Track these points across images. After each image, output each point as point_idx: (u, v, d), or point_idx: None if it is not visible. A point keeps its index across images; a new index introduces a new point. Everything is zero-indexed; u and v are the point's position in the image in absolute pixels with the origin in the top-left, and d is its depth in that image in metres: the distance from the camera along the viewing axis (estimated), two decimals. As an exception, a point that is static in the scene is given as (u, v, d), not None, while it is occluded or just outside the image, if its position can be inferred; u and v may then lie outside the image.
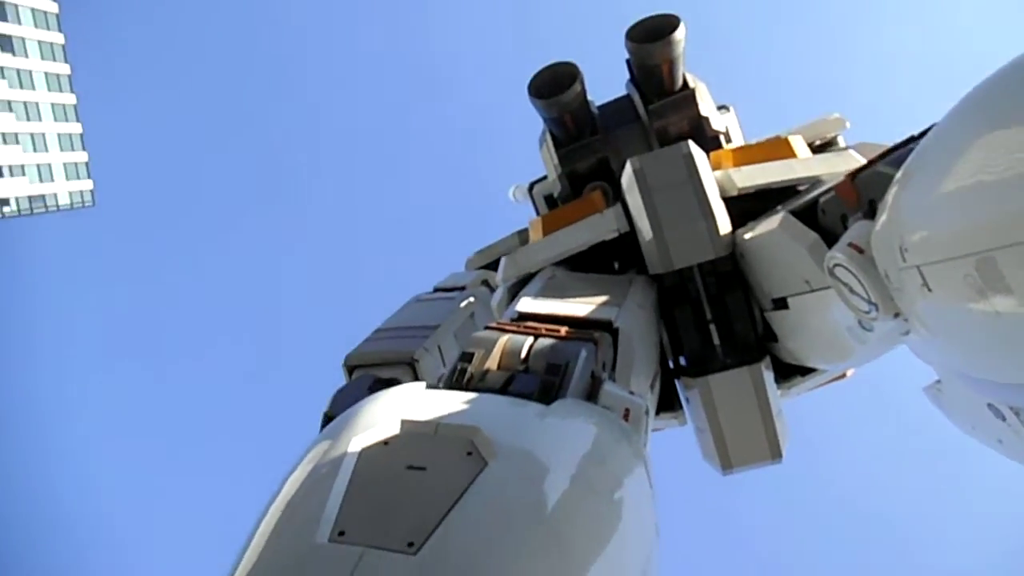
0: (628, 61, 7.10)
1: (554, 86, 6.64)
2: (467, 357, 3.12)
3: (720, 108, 7.70)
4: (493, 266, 8.25)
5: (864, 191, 3.34)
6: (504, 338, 3.31)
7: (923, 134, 3.37)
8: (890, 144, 6.66)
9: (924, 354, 3.18)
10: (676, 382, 5.56)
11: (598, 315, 4.14)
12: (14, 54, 68.05)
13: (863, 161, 5.12)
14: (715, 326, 5.03)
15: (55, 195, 71.45)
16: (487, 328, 3.56)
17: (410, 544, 1.81)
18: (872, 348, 3.85)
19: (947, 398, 3.35)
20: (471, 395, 2.67)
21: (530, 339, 3.35)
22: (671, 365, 5.58)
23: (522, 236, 8.30)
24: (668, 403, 5.56)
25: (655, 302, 4.88)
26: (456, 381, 2.99)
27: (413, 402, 2.58)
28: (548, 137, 7.12)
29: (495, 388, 2.92)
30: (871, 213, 3.31)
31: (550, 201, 7.77)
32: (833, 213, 3.71)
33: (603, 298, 4.52)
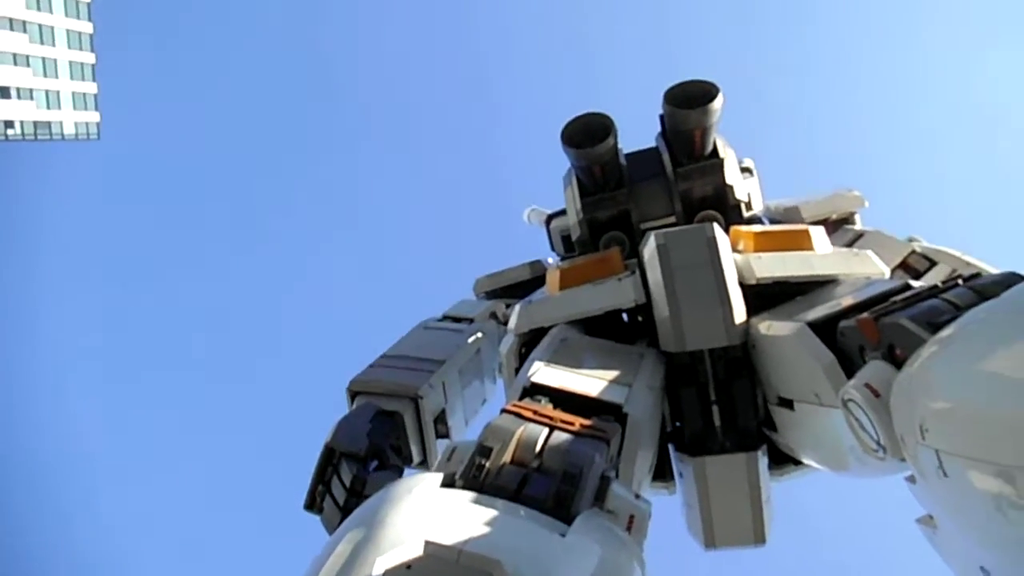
0: (661, 117, 7.16)
1: (586, 136, 6.69)
2: (485, 452, 3.21)
3: (744, 171, 7.78)
4: (501, 293, 8.35)
5: (885, 334, 3.43)
6: (520, 429, 3.40)
7: (948, 288, 3.46)
8: (904, 240, 6.78)
9: (924, 502, 3.29)
10: (670, 450, 5.66)
11: (609, 397, 4.23)
12: (34, -25, 66.74)
13: (879, 266, 5.22)
14: (718, 408, 5.12)
15: (60, 123, 70.58)
16: (504, 412, 3.65)
17: None
18: (872, 471, 3.95)
19: (941, 539, 3.46)
20: (490, 510, 2.75)
21: (545, 431, 3.44)
22: (667, 428, 5.68)
23: (533, 267, 8.39)
24: (660, 470, 5.66)
25: (663, 381, 4.97)
26: (474, 477, 3.08)
27: (434, 513, 2.66)
28: (574, 181, 7.18)
29: (510, 488, 3.03)
30: (890, 355, 3.41)
31: (566, 241, 7.85)
32: (852, 340, 3.80)
33: (614, 373, 4.61)
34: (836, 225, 7.81)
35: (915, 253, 6.36)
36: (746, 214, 7.18)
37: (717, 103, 6.41)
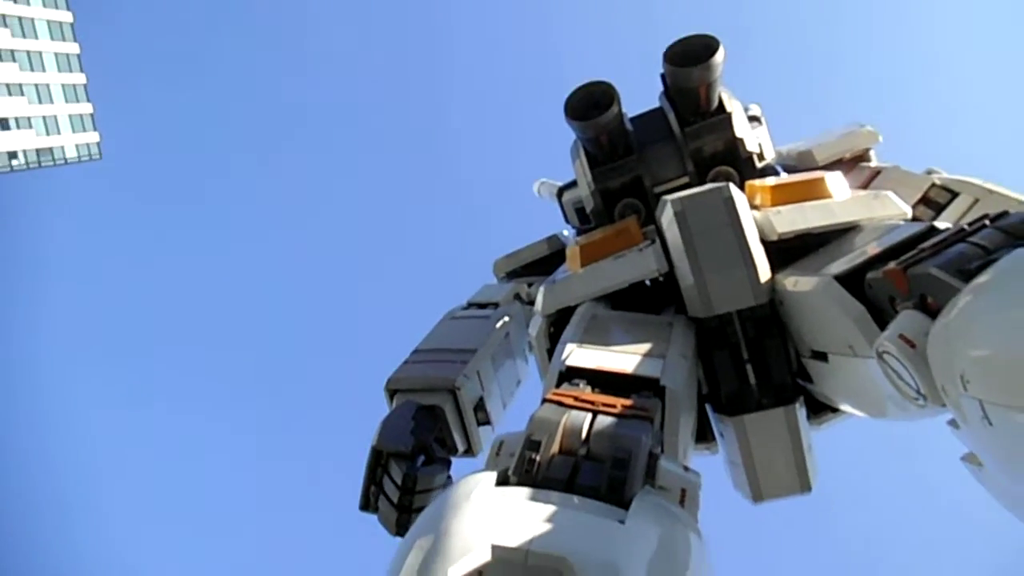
0: (663, 76, 7.07)
1: (591, 106, 6.64)
2: (534, 446, 3.29)
3: (751, 120, 7.67)
4: (521, 272, 8.39)
5: (915, 284, 3.43)
6: (564, 418, 3.47)
7: (975, 230, 3.44)
8: (922, 174, 6.66)
9: (968, 445, 3.32)
10: (708, 410, 5.72)
11: (645, 371, 4.29)
12: (15, 1, 66.49)
13: (900, 207, 5.17)
14: (751, 366, 5.16)
15: (62, 148, 70.94)
16: (545, 401, 3.72)
17: None
18: (911, 415, 3.98)
19: (987, 476, 3.50)
20: (548, 505, 2.84)
21: (589, 416, 3.52)
22: (703, 391, 5.73)
23: (551, 243, 8.40)
24: (700, 432, 5.73)
25: (695, 346, 5.01)
26: (526, 472, 3.17)
27: (495, 514, 2.75)
28: (582, 153, 7.14)
29: (563, 479, 3.12)
30: (921, 305, 3.41)
31: (580, 214, 7.83)
32: (880, 291, 3.80)
33: (646, 346, 4.66)
34: (851, 164, 7.69)
35: (935, 186, 6.26)
36: (759, 165, 7.11)
37: (719, 57, 6.32)
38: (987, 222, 3.42)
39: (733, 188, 5.12)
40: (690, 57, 6.42)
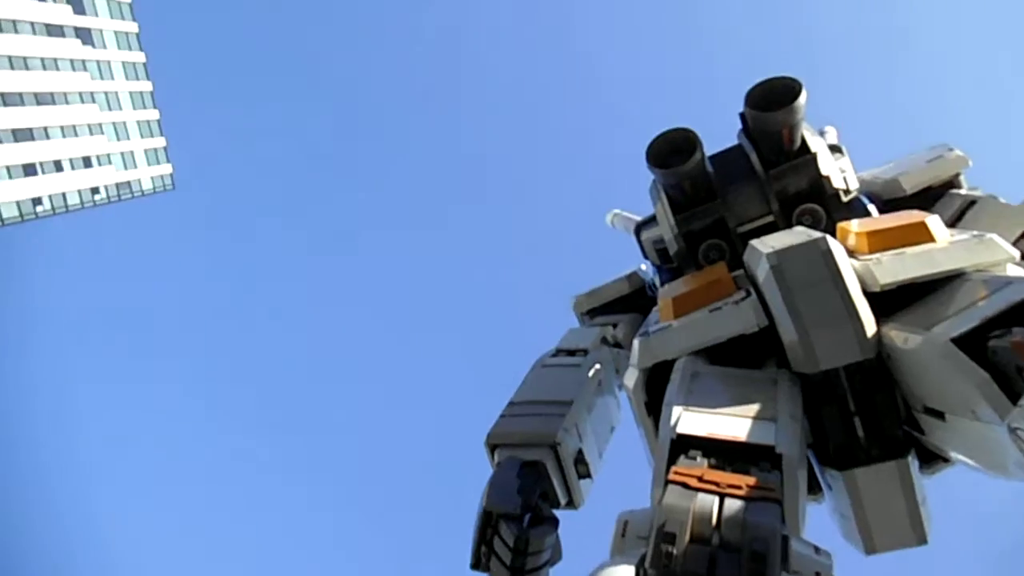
0: (742, 115, 7.06)
1: (672, 152, 6.70)
2: (668, 538, 3.37)
3: (832, 150, 7.56)
4: (601, 310, 8.45)
5: None
6: (693, 504, 3.54)
7: None
8: (1022, 205, 6.41)
9: None
10: (811, 459, 5.66)
11: (759, 439, 4.30)
12: (93, 46, 70.51)
13: (1008, 251, 5.03)
14: (859, 419, 5.10)
15: (139, 180, 74.72)
16: (669, 483, 3.79)
17: None
18: (1040, 481, 3.89)
19: None
20: None
21: (716, 500, 3.57)
22: (808, 442, 5.67)
23: (631, 281, 8.44)
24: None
25: (802, 403, 4.98)
26: (664, 566, 3.26)
27: None
28: (663, 197, 7.19)
29: (702, 574, 3.19)
30: None
31: (662, 253, 7.86)
32: (1006, 360, 3.73)
33: (754, 407, 4.67)
34: (940, 190, 7.48)
35: None
36: (845, 200, 7.02)
37: (801, 99, 6.29)
38: None
39: (831, 240, 5.08)
40: (772, 99, 6.40)
